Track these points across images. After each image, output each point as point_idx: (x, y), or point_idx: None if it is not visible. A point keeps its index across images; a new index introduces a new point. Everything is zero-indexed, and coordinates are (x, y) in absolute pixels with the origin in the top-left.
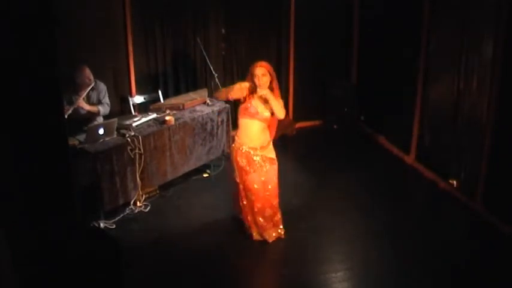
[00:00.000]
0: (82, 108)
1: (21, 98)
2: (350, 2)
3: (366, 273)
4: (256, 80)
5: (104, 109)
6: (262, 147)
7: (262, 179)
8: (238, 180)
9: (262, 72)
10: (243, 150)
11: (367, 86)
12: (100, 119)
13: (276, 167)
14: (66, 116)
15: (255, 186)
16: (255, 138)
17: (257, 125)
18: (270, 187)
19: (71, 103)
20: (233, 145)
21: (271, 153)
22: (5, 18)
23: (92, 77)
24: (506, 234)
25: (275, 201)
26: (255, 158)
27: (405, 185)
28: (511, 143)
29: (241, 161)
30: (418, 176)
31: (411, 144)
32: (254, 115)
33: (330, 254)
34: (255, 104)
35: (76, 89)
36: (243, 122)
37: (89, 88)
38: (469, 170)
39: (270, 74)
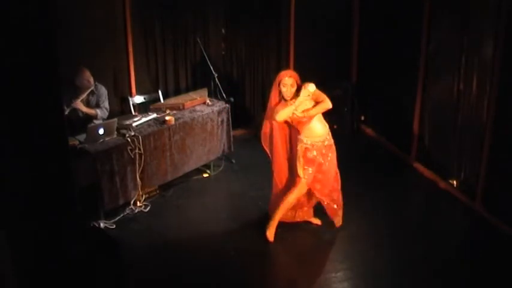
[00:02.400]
0: (79, 109)
1: (22, 98)
2: (350, 2)
3: (366, 273)
4: (284, 90)
5: (102, 113)
6: (327, 134)
7: (324, 168)
8: (307, 176)
9: (291, 82)
10: (314, 144)
11: (367, 86)
12: (100, 120)
13: (335, 153)
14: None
15: (320, 176)
16: (321, 129)
17: (316, 118)
18: (333, 173)
19: (69, 106)
20: (300, 146)
21: (331, 140)
22: (6, 19)
23: (91, 80)
24: (506, 234)
25: (337, 185)
26: (324, 145)
27: (405, 185)
28: (511, 143)
29: (311, 154)
30: (418, 176)
31: (411, 144)
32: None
33: (330, 254)
34: (304, 104)
35: (76, 92)
36: (308, 124)
37: (89, 91)
38: (469, 170)
39: (297, 83)
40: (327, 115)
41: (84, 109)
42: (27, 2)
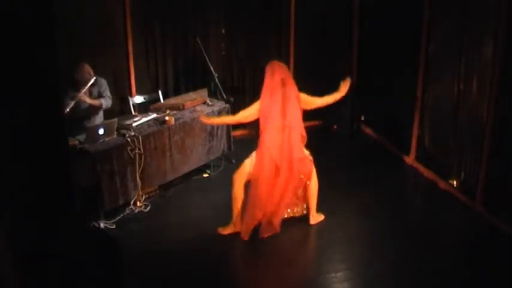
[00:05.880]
0: (84, 101)
1: (21, 98)
2: (350, 2)
3: (366, 273)
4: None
5: (106, 102)
6: None
7: None
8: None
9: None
10: None
11: (367, 86)
12: (101, 118)
13: None
14: (68, 110)
15: None
16: None
17: None
18: None
19: (73, 99)
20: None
21: None
22: (3, 19)
23: (92, 72)
24: (506, 234)
25: None
26: None
27: (405, 185)
28: (511, 143)
29: None
30: (418, 176)
31: (411, 144)
32: None
33: (330, 254)
34: None
35: (77, 87)
36: None
37: (90, 83)
38: (469, 170)
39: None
40: (326, 115)
41: (89, 100)
42: (25, 3)
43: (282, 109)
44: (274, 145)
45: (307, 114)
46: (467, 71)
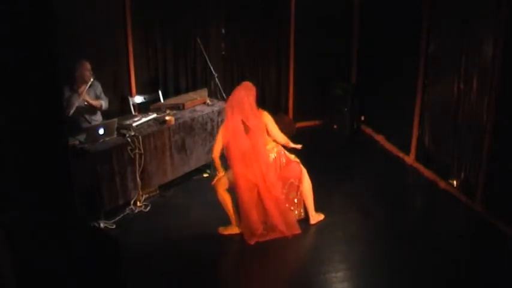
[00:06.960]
0: (86, 101)
1: (22, 99)
2: (351, 2)
3: (366, 273)
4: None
5: (105, 103)
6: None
7: None
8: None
9: None
10: None
11: (367, 86)
12: (99, 118)
13: None
14: (73, 111)
15: None
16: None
17: None
18: None
19: (71, 100)
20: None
21: None
22: (8, 21)
23: (91, 71)
24: (506, 234)
25: None
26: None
27: (405, 185)
28: (511, 143)
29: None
30: (418, 176)
31: (411, 144)
32: None
33: (330, 254)
34: None
35: (75, 85)
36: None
37: (90, 82)
38: (469, 170)
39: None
40: (326, 114)
41: (91, 101)
42: (26, 6)
43: (241, 129)
44: (243, 163)
45: (308, 114)
46: (467, 71)
